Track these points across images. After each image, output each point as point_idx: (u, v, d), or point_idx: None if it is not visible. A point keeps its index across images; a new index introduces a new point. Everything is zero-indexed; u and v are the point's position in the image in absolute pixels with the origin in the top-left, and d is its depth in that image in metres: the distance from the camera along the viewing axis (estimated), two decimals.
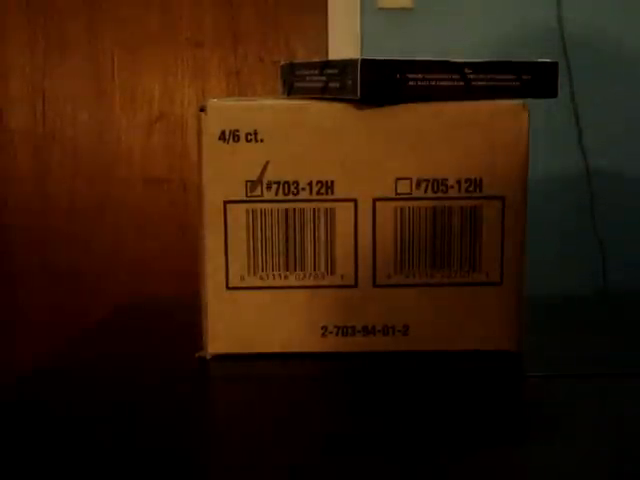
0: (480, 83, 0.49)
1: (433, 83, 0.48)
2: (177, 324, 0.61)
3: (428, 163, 0.50)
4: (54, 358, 0.53)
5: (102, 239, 1.94)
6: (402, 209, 0.50)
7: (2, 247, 1.95)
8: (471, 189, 0.50)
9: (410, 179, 0.50)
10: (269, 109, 0.50)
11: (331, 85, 0.50)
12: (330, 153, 0.50)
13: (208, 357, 0.52)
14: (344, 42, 1.82)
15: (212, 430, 0.40)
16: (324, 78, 0.50)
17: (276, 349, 0.52)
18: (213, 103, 0.50)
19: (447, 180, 0.50)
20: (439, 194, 0.50)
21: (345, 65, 0.48)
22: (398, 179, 0.50)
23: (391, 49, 1.82)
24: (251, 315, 0.51)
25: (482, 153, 0.50)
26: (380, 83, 0.48)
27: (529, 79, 0.50)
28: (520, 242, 0.51)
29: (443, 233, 0.51)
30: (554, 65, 0.51)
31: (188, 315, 0.61)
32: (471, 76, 0.49)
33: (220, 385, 0.48)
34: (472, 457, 0.36)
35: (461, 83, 0.49)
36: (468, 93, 0.49)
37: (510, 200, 0.51)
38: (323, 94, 0.50)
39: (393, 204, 0.50)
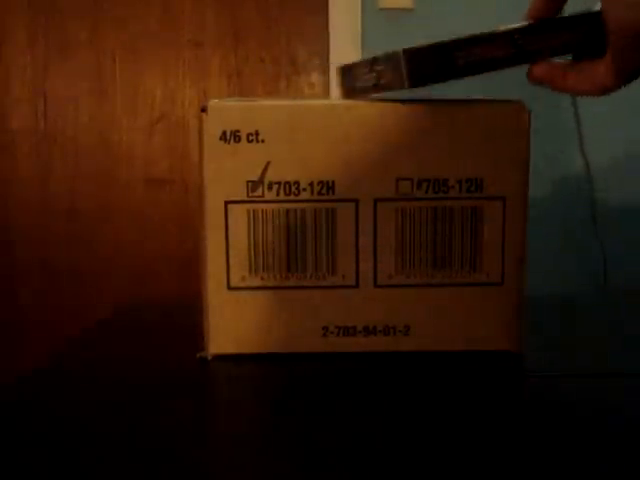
0: (533, 47, 0.48)
1: (484, 56, 0.48)
2: (178, 324, 0.61)
3: (429, 163, 0.50)
4: (54, 358, 0.53)
5: (103, 239, 1.94)
6: (403, 209, 0.50)
7: (2, 247, 1.95)
8: (472, 189, 0.50)
9: (411, 179, 0.50)
10: (270, 109, 0.49)
11: (382, 81, 0.49)
12: (331, 153, 0.50)
13: (209, 357, 0.52)
14: (345, 42, 1.82)
15: (213, 430, 0.40)
16: (374, 74, 0.50)
17: (277, 349, 0.52)
18: (214, 103, 0.49)
19: (448, 180, 0.50)
20: (440, 194, 0.50)
21: (389, 59, 0.48)
22: (399, 179, 0.50)
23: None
24: (252, 315, 0.51)
25: (483, 153, 0.50)
26: (428, 69, 0.47)
27: (587, 31, 0.48)
28: (521, 242, 0.51)
29: (444, 233, 0.51)
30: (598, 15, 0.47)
31: (189, 315, 0.61)
32: (521, 41, 0.48)
33: (221, 385, 0.48)
34: (472, 457, 0.36)
35: (512, 50, 0.47)
36: (522, 58, 0.48)
37: (511, 200, 0.51)
38: (377, 91, 0.50)
39: (394, 204, 0.50)
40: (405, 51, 0.47)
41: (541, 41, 0.48)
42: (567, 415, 0.41)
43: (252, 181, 0.50)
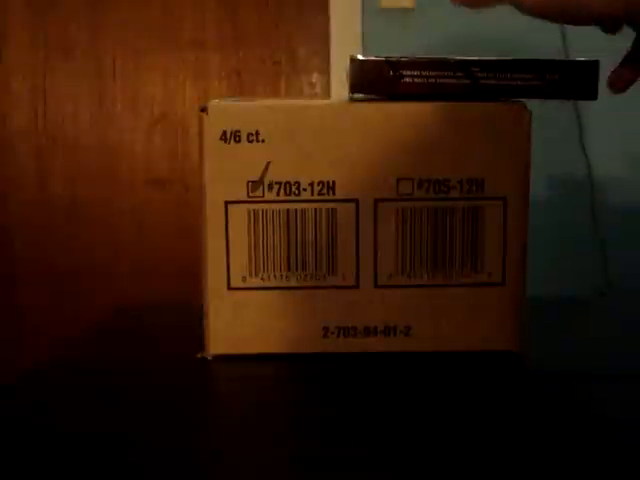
0: (490, 82, 0.48)
1: (433, 81, 0.48)
2: (178, 324, 0.61)
3: (430, 163, 0.50)
4: (54, 358, 0.53)
5: (103, 240, 1.94)
6: (404, 210, 0.50)
7: (2, 247, 1.95)
8: (473, 189, 0.50)
9: (412, 179, 0.50)
10: (270, 109, 0.49)
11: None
12: (331, 153, 0.50)
13: (209, 358, 0.52)
14: (345, 42, 1.82)
15: (213, 431, 0.40)
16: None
17: (277, 350, 0.52)
18: (214, 103, 0.49)
19: (449, 181, 0.50)
20: (441, 194, 0.50)
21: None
22: (399, 179, 0.50)
23: (393, 49, 1.82)
24: (252, 316, 0.51)
25: (484, 153, 0.50)
26: (371, 81, 0.48)
27: (556, 79, 0.48)
28: (522, 242, 0.51)
29: (445, 234, 0.51)
30: (591, 64, 0.48)
31: (189, 315, 0.61)
32: (479, 74, 0.48)
33: (221, 386, 0.48)
34: (474, 457, 0.35)
35: (466, 81, 0.48)
36: (475, 92, 0.48)
37: (512, 200, 0.51)
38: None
39: (395, 205, 0.50)
40: (353, 60, 0.48)
41: (501, 79, 0.48)
42: (568, 415, 0.41)
43: (252, 181, 0.50)
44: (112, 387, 0.46)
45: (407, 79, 0.48)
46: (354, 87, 0.49)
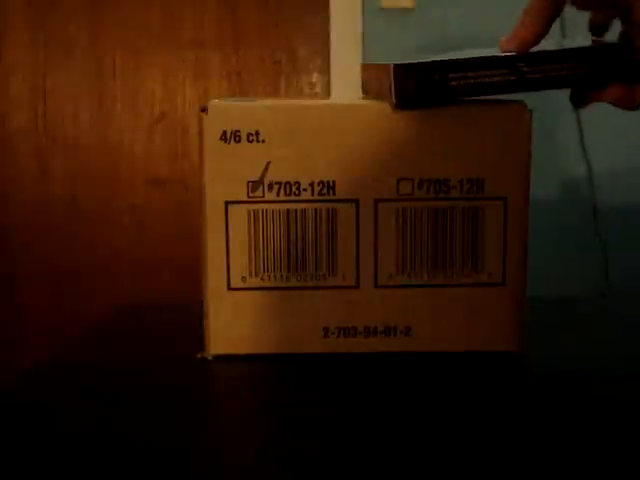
0: (537, 75, 0.47)
1: (479, 80, 0.47)
2: (178, 324, 0.61)
3: (430, 164, 0.50)
4: (54, 358, 0.53)
5: (103, 239, 1.94)
6: (404, 210, 0.50)
7: (2, 247, 1.95)
8: (473, 190, 0.50)
9: (412, 180, 0.50)
10: (270, 109, 0.49)
11: (383, 90, 0.50)
12: (331, 154, 0.50)
13: (209, 358, 0.52)
14: (345, 42, 1.82)
15: (213, 430, 0.40)
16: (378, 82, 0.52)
17: (278, 350, 0.51)
18: (214, 103, 0.49)
19: (449, 181, 0.50)
20: (441, 195, 0.50)
21: (384, 69, 0.48)
22: (400, 180, 0.50)
23: (393, 49, 1.82)
24: (252, 316, 0.51)
25: (484, 154, 0.50)
26: (417, 88, 0.47)
27: (596, 64, 0.47)
28: (522, 242, 0.51)
29: (445, 234, 0.51)
30: (619, 47, 0.47)
31: (189, 315, 0.61)
32: (525, 69, 0.47)
33: (222, 386, 0.48)
34: (475, 458, 0.35)
35: (512, 77, 0.47)
36: (520, 86, 0.47)
37: (512, 201, 0.51)
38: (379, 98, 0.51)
39: (395, 205, 0.50)
40: (396, 66, 0.47)
41: (544, 71, 0.47)
42: (568, 416, 0.41)
43: (252, 181, 0.50)
44: (112, 387, 0.46)
45: (453, 82, 0.47)
46: (401, 100, 0.47)
